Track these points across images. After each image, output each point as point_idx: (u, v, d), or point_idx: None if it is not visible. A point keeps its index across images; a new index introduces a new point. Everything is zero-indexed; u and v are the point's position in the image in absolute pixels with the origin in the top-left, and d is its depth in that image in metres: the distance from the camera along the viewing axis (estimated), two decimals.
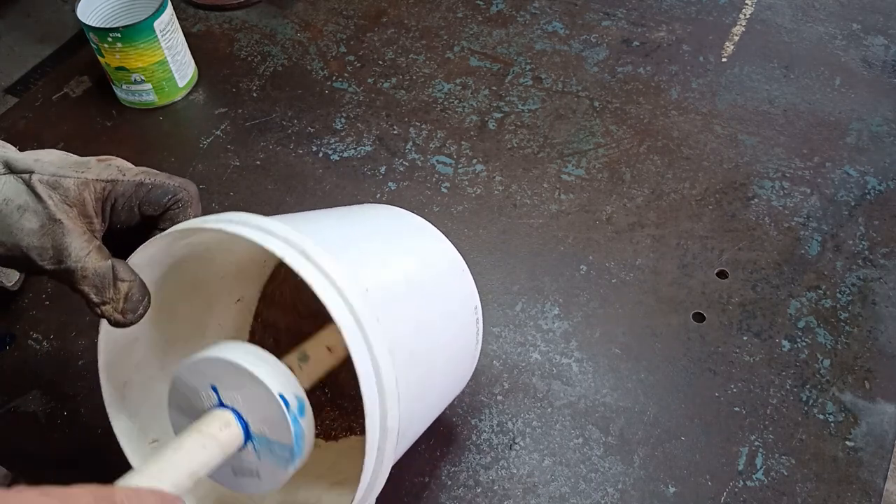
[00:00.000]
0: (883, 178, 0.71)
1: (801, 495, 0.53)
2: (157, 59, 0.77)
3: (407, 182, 0.73)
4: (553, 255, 0.67)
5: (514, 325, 0.62)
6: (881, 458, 0.54)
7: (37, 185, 0.41)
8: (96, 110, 0.81)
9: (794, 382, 0.58)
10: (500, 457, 0.55)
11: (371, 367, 0.38)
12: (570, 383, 0.59)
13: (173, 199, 0.43)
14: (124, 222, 0.44)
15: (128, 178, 0.43)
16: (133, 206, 0.43)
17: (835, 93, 0.79)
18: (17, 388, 0.60)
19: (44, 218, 0.40)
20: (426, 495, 0.54)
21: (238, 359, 0.37)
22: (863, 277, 0.64)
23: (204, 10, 0.92)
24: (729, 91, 0.80)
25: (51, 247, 0.40)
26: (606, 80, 0.81)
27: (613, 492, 0.53)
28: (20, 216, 0.40)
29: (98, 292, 0.40)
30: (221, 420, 0.38)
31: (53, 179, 0.41)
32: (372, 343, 0.38)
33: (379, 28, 0.88)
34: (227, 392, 0.38)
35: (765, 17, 0.87)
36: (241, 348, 0.38)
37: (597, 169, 0.73)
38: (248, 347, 0.38)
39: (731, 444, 0.55)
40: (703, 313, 0.62)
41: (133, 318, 0.42)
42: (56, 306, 0.65)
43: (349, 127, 0.78)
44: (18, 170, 0.41)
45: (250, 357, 0.37)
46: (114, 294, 0.41)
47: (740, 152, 0.74)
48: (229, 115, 0.80)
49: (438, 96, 0.80)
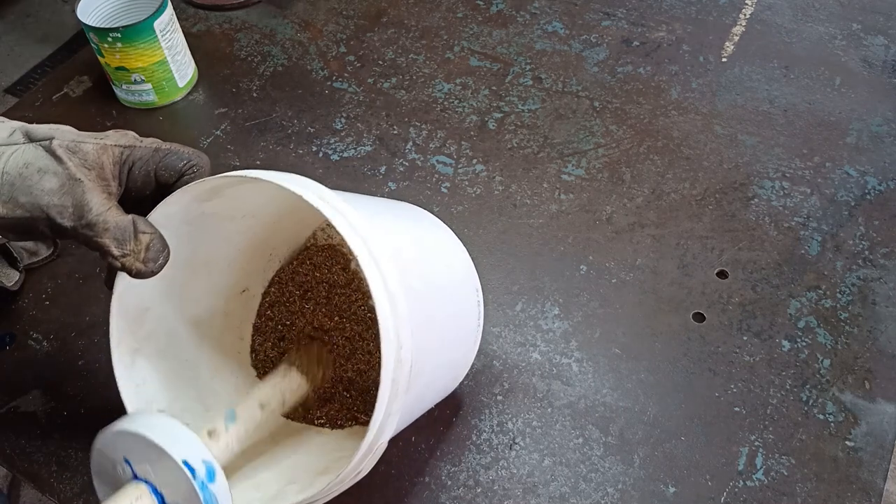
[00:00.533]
0: (883, 178, 0.71)
1: (801, 495, 0.53)
2: (157, 59, 0.77)
3: (407, 182, 0.73)
4: (553, 255, 0.67)
5: (514, 325, 0.62)
6: (881, 458, 0.54)
7: (57, 149, 0.42)
8: (96, 110, 0.81)
9: (794, 382, 0.58)
10: (500, 457, 0.55)
11: (387, 296, 0.39)
12: (570, 383, 0.59)
13: (188, 164, 0.45)
14: (140, 189, 0.45)
15: (145, 145, 0.45)
16: (150, 171, 0.44)
17: (835, 93, 0.79)
18: (17, 388, 0.60)
19: (63, 178, 0.41)
20: (426, 495, 0.54)
21: (144, 430, 0.37)
22: (863, 277, 0.64)
23: (204, 10, 0.92)
24: (729, 91, 0.80)
25: (71, 204, 0.41)
26: (606, 80, 0.81)
27: (613, 492, 0.53)
28: (40, 178, 0.41)
29: (119, 244, 0.41)
30: (133, 495, 0.38)
31: (73, 144, 0.42)
32: (386, 277, 0.39)
33: (379, 28, 0.88)
34: (139, 465, 0.38)
35: (765, 17, 0.87)
36: (151, 420, 0.39)
37: (597, 169, 0.73)
38: (157, 419, 0.39)
39: (731, 444, 0.55)
40: (703, 313, 0.62)
41: (154, 268, 0.43)
42: (56, 306, 0.65)
43: (349, 127, 0.78)
44: (38, 138, 0.43)
45: (157, 429, 0.38)
46: (135, 246, 0.42)
47: (740, 152, 0.74)
48: (229, 115, 0.80)
49: (438, 96, 0.80)
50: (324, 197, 0.41)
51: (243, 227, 0.53)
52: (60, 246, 0.68)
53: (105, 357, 0.47)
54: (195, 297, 0.53)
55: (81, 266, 0.68)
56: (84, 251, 0.68)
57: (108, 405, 0.44)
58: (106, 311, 0.47)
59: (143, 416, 0.39)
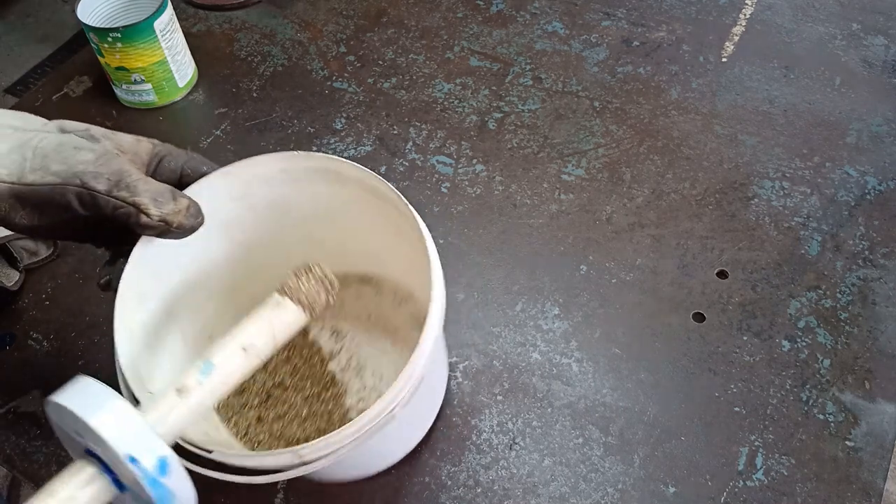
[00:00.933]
0: (883, 178, 0.71)
1: (801, 495, 0.53)
2: (157, 59, 0.77)
3: (407, 182, 0.73)
4: (553, 255, 0.67)
5: (514, 325, 0.62)
6: (881, 458, 0.54)
7: (94, 132, 0.44)
8: (96, 110, 0.81)
9: (794, 382, 0.58)
10: (500, 457, 0.55)
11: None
12: (570, 383, 0.59)
13: (211, 168, 0.48)
14: (165, 182, 0.46)
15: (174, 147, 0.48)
16: (177, 168, 0.47)
17: (835, 93, 0.79)
18: (17, 388, 0.60)
19: (100, 151, 0.43)
20: (426, 495, 0.54)
21: (86, 415, 0.33)
22: (863, 277, 0.64)
23: (204, 10, 0.92)
24: (729, 91, 0.80)
25: (107, 172, 0.42)
26: (606, 80, 0.81)
27: (613, 492, 0.53)
28: (76, 152, 0.42)
29: (157, 204, 0.42)
30: (82, 479, 0.34)
31: (110, 132, 0.45)
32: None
33: (379, 28, 0.88)
34: (90, 442, 0.35)
35: (765, 17, 0.87)
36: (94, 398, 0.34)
37: (597, 169, 0.73)
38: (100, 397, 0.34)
39: (731, 444, 0.55)
40: (703, 313, 0.62)
41: (195, 223, 0.44)
42: (56, 306, 0.65)
43: (349, 127, 0.78)
44: (73, 129, 0.44)
45: (100, 413, 0.33)
46: (174, 206, 0.43)
47: (740, 152, 0.74)
48: (229, 115, 0.80)
49: (438, 96, 0.80)
50: None
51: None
52: (60, 246, 0.68)
53: (105, 357, 0.47)
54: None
55: (81, 266, 0.68)
56: (84, 251, 0.68)
57: None
58: (106, 312, 0.47)
59: (86, 390, 0.35)
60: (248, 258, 0.55)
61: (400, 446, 0.53)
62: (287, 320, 0.43)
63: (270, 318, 0.43)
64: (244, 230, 0.53)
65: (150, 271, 0.47)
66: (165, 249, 0.47)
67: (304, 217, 0.54)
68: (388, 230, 0.51)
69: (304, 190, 0.52)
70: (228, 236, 0.53)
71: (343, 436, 0.40)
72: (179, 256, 0.49)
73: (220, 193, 0.49)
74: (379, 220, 0.51)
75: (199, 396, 0.39)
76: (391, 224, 0.50)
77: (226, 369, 0.41)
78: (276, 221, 0.54)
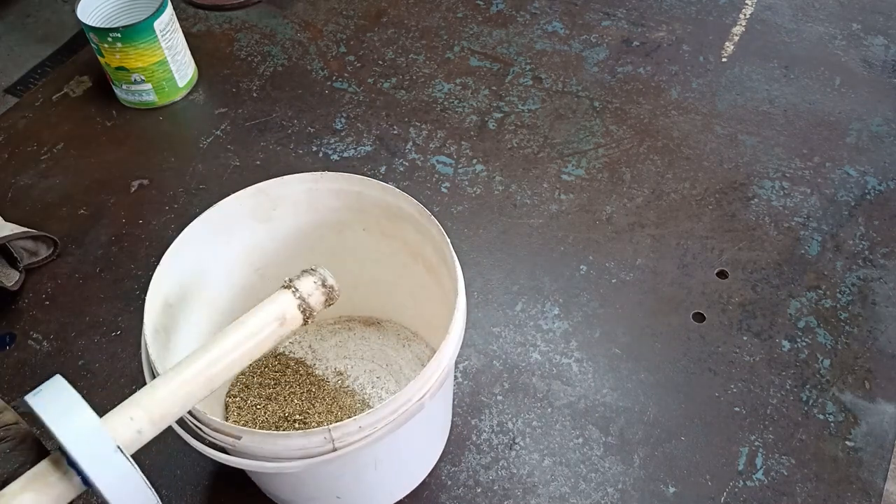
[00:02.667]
0: (883, 178, 0.71)
1: (801, 495, 0.53)
2: (157, 59, 0.77)
3: (407, 182, 0.73)
4: (553, 255, 0.67)
5: (514, 325, 0.62)
6: (881, 458, 0.54)
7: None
8: (96, 110, 0.81)
9: (794, 382, 0.58)
10: (500, 457, 0.55)
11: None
12: (570, 383, 0.59)
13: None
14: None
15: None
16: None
17: (835, 93, 0.79)
18: (17, 388, 0.60)
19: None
20: (426, 495, 0.54)
21: (45, 415, 0.35)
22: (863, 277, 0.64)
23: (204, 10, 0.92)
24: (729, 91, 0.80)
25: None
26: (606, 80, 0.81)
27: (613, 492, 0.53)
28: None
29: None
30: (53, 473, 0.36)
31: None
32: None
33: (379, 28, 0.88)
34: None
35: (765, 17, 0.87)
36: (63, 400, 0.36)
37: (597, 169, 0.73)
38: (69, 399, 0.37)
39: (731, 444, 0.55)
40: (703, 313, 0.62)
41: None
42: (56, 306, 0.65)
43: (349, 127, 0.78)
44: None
45: (66, 418, 0.35)
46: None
47: (740, 152, 0.74)
48: (229, 115, 0.80)
49: (438, 96, 0.80)
50: None
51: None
52: (60, 246, 0.68)
53: (105, 357, 0.47)
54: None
55: (81, 266, 0.68)
56: (84, 251, 0.68)
57: (108, 405, 0.44)
58: (106, 311, 0.47)
59: (56, 395, 0.37)
60: (263, 286, 0.55)
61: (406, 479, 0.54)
62: (285, 316, 0.43)
63: (270, 311, 0.43)
64: (265, 257, 0.55)
65: (177, 280, 0.49)
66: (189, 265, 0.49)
67: (323, 251, 0.55)
68: (397, 262, 0.54)
69: (326, 219, 0.53)
70: (249, 262, 0.54)
71: (374, 419, 0.40)
72: (206, 274, 0.51)
73: (244, 213, 0.50)
74: (393, 254, 0.54)
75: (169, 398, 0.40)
76: (408, 252, 0.53)
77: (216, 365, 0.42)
78: (295, 252, 0.55)
